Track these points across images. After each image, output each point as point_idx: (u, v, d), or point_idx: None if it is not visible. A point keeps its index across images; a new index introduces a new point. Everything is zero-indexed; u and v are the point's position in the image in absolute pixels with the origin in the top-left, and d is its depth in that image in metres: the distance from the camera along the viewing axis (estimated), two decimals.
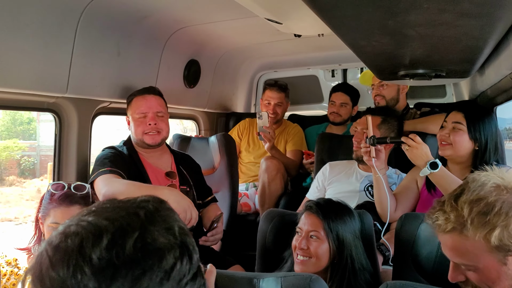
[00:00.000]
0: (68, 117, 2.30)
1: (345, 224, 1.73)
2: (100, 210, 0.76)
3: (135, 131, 2.34)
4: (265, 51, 3.74)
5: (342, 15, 1.20)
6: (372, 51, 1.69)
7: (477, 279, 1.13)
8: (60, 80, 2.10)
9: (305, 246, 1.69)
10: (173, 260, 0.73)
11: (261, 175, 3.16)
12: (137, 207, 0.77)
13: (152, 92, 2.39)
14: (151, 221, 0.75)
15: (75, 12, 2.06)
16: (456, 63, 1.90)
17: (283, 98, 3.46)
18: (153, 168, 2.38)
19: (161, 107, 2.38)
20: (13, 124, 16.25)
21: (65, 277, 0.68)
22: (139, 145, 2.38)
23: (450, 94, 3.86)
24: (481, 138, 2.10)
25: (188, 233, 0.79)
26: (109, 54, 2.38)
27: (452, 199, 1.13)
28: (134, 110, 2.34)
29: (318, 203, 1.76)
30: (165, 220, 0.77)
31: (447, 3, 1.07)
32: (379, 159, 2.19)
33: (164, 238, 0.74)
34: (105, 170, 2.14)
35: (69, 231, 0.72)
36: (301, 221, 1.77)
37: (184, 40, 2.93)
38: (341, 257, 1.69)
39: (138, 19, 2.44)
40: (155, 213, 0.77)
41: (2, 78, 1.81)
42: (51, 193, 1.72)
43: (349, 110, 3.42)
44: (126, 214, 0.75)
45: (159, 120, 2.34)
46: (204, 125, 3.80)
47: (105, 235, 0.70)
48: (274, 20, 2.30)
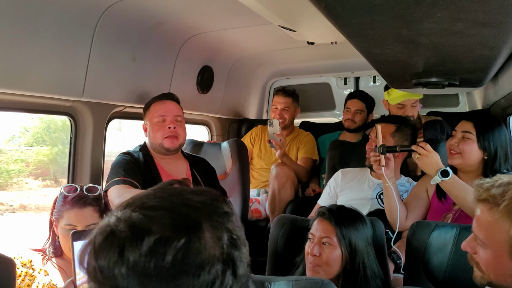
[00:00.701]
0: (84, 120, 2.33)
1: (357, 231, 1.73)
2: (153, 203, 0.72)
3: (154, 136, 2.36)
4: (278, 58, 3.76)
5: (357, 23, 1.21)
6: (386, 59, 1.70)
7: (485, 261, 1.14)
8: (77, 84, 2.13)
9: (317, 252, 1.69)
10: (213, 276, 0.68)
11: (271, 181, 3.17)
12: (191, 208, 0.72)
13: (170, 98, 2.43)
14: (202, 228, 0.69)
15: (93, 18, 2.10)
16: (469, 72, 1.90)
17: (290, 103, 3.44)
18: (168, 175, 2.39)
19: (180, 112, 2.42)
20: (47, 132, 16.59)
21: (104, 268, 0.67)
22: (156, 151, 2.39)
23: (463, 103, 3.84)
24: (491, 147, 2.09)
25: (238, 244, 0.73)
26: (125, 59, 2.42)
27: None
28: (153, 114, 2.36)
29: (330, 210, 1.77)
30: (217, 228, 0.71)
31: (461, 12, 1.08)
32: (388, 168, 2.18)
33: (210, 250, 0.69)
34: (119, 180, 2.17)
35: (118, 227, 0.69)
36: (314, 227, 1.77)
37: (198, 47, 2.96)
38: (353, 264, 1.69)
39: (153, 25, 2.48)
40: (208, 218, 0.72)
41: (21, 82, 1.85)
42: (64, 195, 1.75)
43: (364, 117, 3.42)
44: (176, 216, 0.69)
45: (177, 125, 2.37)
46: (216, 130, 3.82)
47: (147, 239, 0.66)
48: (287, 28, 2.32)
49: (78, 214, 1.71)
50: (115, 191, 2.13)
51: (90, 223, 1.72)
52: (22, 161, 8.08)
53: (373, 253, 1.76)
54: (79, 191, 1.77)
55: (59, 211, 1.73)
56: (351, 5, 1.05)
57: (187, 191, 0.75)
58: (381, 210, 2.35)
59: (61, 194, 1.76)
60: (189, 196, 0.74)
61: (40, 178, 8.44)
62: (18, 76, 1.83)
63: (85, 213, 1.72)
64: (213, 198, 0.75)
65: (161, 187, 0.77)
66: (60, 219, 1.73)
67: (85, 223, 1.71)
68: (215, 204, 0.74)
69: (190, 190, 0.76)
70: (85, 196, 1.75)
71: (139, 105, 2.60)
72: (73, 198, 1.73)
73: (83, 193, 1.76)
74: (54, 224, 1.77)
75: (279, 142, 3.09)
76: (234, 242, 0.72)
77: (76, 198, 1.73)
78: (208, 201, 0.74)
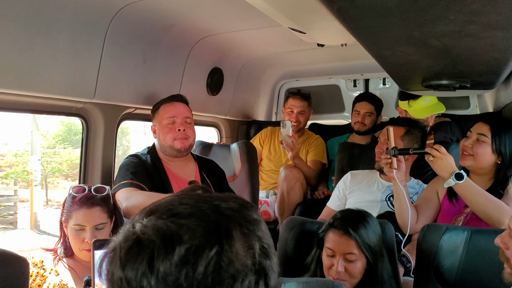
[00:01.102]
0: (95, 122, 2.35)
1: (374, 233, 1.72)
2: (180, 210, 0.68)
3: (164, 138, 2.35)
4: (287, 60, 3.76)
5: (369, 25, 1.22)
6: (397, 61, 1.69)
7: None
8: (89, 86, 2.16)
9: (342, 268, 1.67)
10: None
11: (280, 184, 3.16)
12: (221, 215, 0.68)
13: (179, 100, 2.42)
14: (233, 236, 0.66)
15: (105, 21, 2.12)
16: (481, 75, 1.89)
17: (306, 107, 3.46)
18: (177, 177, 2.38)
19: (189, 114, 2.41)
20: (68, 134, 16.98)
21: (132, 280, 0.64)
22: (166, 153, 2.38)
23: (474, 105, 3.82)
24: (505, 152, 2.06)
25: (269, 254, 0.70)
26: (136, 61, 2.44)
27: None
28: (163, 116, 2.36)
29: (345, 220, 1.73)
30: (248, 236, 0.68)
31: (474, 15, 1.08)
32: (400, 171, 2.16)
33: (242, 260, 0.65)
34: (126, 183, 2.17)
35: (145, 236, 0.65)
36: (331, 241, 1.73)
37: (208, 48, 2.98)
38: (372, 268, 1.69)
39: (164, 27, 2.49)
40: (239, 225, 0.68)
41: (35, 84, 1.88)
42: (72, 196, 1.76)
43: (373, 120, 3.41)
44: (207, 224, 0.65)
45: (187, 127, 2.36)
46: (225, 132, 3.83)
47: (178, 248, 0.63)
48: (297, 30, 2.32)
49: (86, 214, 1.73)
50: (122, 193, 2.13)
51: (98, 223, 1.73)
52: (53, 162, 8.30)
53: (386, 252, 1.76)
54: (87, 191, 1.78)
55: (68, 212, 1.75)
56: (364, 8, 1.06)
57: (214, 198, 0.72)
58: (390, 212, 2.34)
59: (69, 195, 1.78)
60: (217, 202, 0.70)
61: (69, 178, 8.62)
62: (32, 78, 1.86)
63: (93, 213, 1.73)
64: (242, 205, 0.72)
65: (185, 193, 0.74)
66: (69, 220, 1.74)
67: (93, 223, 1.72)
68: (244, 211, 0.71)
69: (217, 197, 0.72)
70: (93, 196, 1.76)
71: (150, 107, 2.61)
72: (81, 198, 1.74)
73: (91, 193, 1.77)
74: (64, 224, 1.78)
75: (291, 144, 3.09)
76: (265, 251, 0.69)
77: (84, 198, 1.74)
78: (237, 208, 0.70)
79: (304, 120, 3.50)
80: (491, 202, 1.96)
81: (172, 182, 2.34)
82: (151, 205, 0.71)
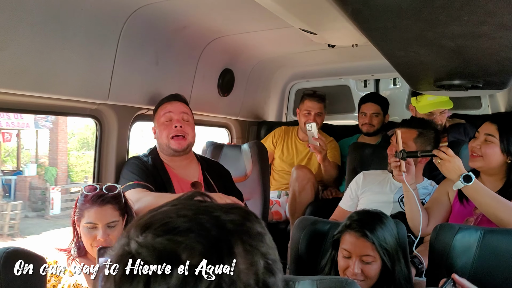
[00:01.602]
0: (109, 123, 2.38)
1: (390, 235, 1.71)
2: (178, 224, 0.62)
3: (160, 136, 2.34)
4: (297, 61, 3.77)
5: (382, 26, 1.22)
6: (409, 62, 1.70)
7: None
8: (102, 87, 2.19)
9: (359, 270, 1.67)
10: None
11: (291, 184, 3.16)
12: (222, 230, 0.63)
13: (178, 99, 2.41)
14: (235, 254, 0.61)
15: (119, 23, 2.15)
16: (493, 75, 1.88)
17: (322, 108, 3.44)
18: (179, 178, 2.36)
19: (187, 110, 2.39)
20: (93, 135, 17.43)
21: None
22: (165, 153, 2.36)
23: (485, 105, 3.80)
24: None
25: (274, 270, 0.65)
26: (148, 63, 2.46)
27: None
28: (160, 115, 2.35)
29: (361, 222, 1.73)
30: (251, 252, 0.62)
31: (488, 16, 1.08)
32: (409, 174, 2.16)
33: (244, 279, 0.60)
34: (133, 184, 2.18)
35: (140, 256, 0.60)
36: (348, 243, 1.72)
37: (219, 50, 3.00)
38: (387, 270, 1.69)
39: (176, 29, 2.52)
40: (240, 241, 0.62)
41: (51, 85, 1.91)
42: (84, 195, 1.79)
43: (381, 120, 3.39)
44: (206, 242, 0.60)
45: (184, 124, 2.33)
46: (236, 133, 3.85)
47: (175, 270, 0.58)
48: (308, 31, 2.33)
49: (98, 212, 1.74)
50: (132, 195, 2.10)
51: (110, 221, 1.75)
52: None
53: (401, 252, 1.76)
54: (99, 189, 1.81)
55: (80, 211, 1.77)
56: (378, 9, 1.07)
57: (213, 207, 0.66)
58: (402, 213, 2.34)
59: (82, 194, 1.80)
60: (217, 213, 0.64)
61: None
62: (48, 80, 1.89)
63: (105, 211, 1.75)
64: (244, 217, 0.66)
65: (183, 202, 0.68)
66: (82, 218, 1.76)
67: (105, 221, 1.74)
68: (247, 224, 0.65)
69: (217, 206, 0.67)
70: (104, 194, 1.78)
71: None
72: (92, 196, 1.76)
73: (102, 192, 1.80)
74: (76, 224, 1.80)
75: (318, 147, 3.06)
76: (270, 267, 0.64)
77: (95, 197, 1.76)
78: (239, 221, 0.65)
79: (321, 122, 3.46)
80: (500, 203, 1.94)
81: (174, 183, 2.32)
82: (147, 217, 0.65)
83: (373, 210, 1.81)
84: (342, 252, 1.74)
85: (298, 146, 3.52)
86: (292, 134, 3.58)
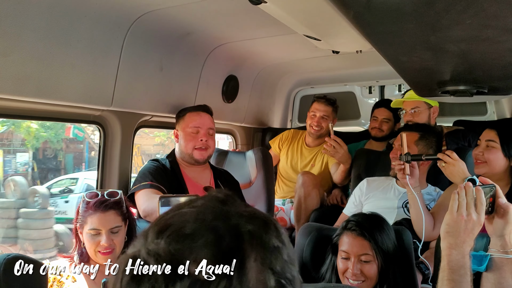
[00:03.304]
0: (112, 129, 2.39)
1: (387, 237, 1.73)
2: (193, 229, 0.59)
3: (185, 145, 2.44)
4: (302, 67, 3.77)
5: (385, 31, 1.21)
6: (413, 67, 1.68)
7: None
8: (106, 94, 2.19)
9: (358, 270, 1.68)
10: None
11: (297, 189, 3.13)
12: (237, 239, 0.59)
13: (206, 110, 2.52)
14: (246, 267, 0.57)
15: (122, 29, 2.16)
16: (498, 80, 1.87)
17: (330, 112, 3.37)
18: (193, 182, 2.45)
19: (213, 125, 2.50)
20: None
21: None
22: (185, 160, 2.46)
23: (491, 111, 3.77)
24: None
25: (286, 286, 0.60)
26: (152, 69, 2.47)
27: None
28: (187, 124, 2.44)
29: (359, 223, 1.74)
30: (263, 267, 0.58)
31: (491, 19, 1.07)
32: (413, 177, 2.17)
33: None
34: (146, 184, 2.23)
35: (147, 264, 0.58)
36: (346, 244, 1.74)
37: (223, 56, 3.00)
38: (388, 271, 1.69)
39: (181, 35, 2.52)
40: (254, 253, 0.58)
41: (54, 92, 1.92)
42: (86, 201, 1.79)
43: (391, 126, 3.39)
44: (218, 250, 0.57)
45: (209, 138, 2.46)
46: (241, 139, 3.84)
47: (180, 282, 0.55)
48: (312, 37, 2.33)
49: (101, 218, 1.75)
50: (143, 195, 2.20)
51: (113, 226, 1.76)
52: None
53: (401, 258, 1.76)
54: (100, 196, 1.81)
55: (82, 217, 1.78)
56: (380, 13, 1.06)
57: (235, 213, 0.62)
58: (407, 219, 2.32)
59: (83, 201, 1.80)
60: (236, 221, 0.61)
61: None
62: (51, 86, 1.89)
63: (108, 217, 1.76)
64: (263, 227, 0.62)
65: (205, 204, 0.64)
66: (84, 225, 1.76)
67: (108, 226, 1.75)
68: (264, 236, 0.61)
69: (237, 212, 0.63)
70: (106, 200, 1.79)
71: (167, 114, 2.64)
72: (95, 202, 1.77)
73: (104, 198, 1.80)
74: (79, 231, 1.80)
75: (332, 150, 2.97)
76: (282, 285, 0.59)
77: (97, 203, 1.77)
78: (257, 232, 0.60)
79: (327, 126, 3.36)
80: None
81: (188, 186, 2.41)
82: (167, 217, 0.63)
83: (370, 213, 1.83)
84: (341, 254, 1.75)
85: (303, 151, 3.49)
86: (300, 138, 3.55)
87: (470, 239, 1.22)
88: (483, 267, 1.33)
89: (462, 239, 1.21)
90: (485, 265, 1.33)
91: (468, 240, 1.21)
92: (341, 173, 3.10)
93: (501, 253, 1.30)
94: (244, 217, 0.62)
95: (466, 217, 1.21)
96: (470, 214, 1.22)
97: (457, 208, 1.23)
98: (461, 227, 1.21)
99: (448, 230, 1.23)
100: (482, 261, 1.35)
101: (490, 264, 1.33)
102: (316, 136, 3.38)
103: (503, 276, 1.30)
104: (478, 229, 1.23)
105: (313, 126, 3.33)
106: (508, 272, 1.30)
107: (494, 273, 1.32)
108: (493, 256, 1.32)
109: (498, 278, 1.30)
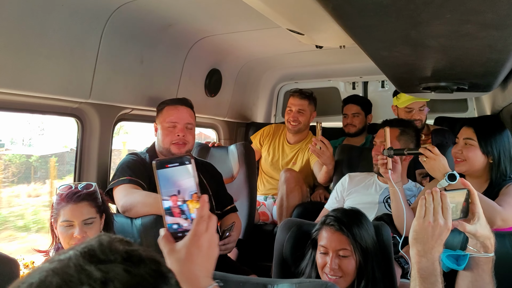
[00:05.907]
0: (91, 122, 2.34)
1: (366, 232, 1.73)
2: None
3: (163, 140, 2.39)
4: (286, 62, 3.75)
5: (365, 24, 1.20)
6: (394, 62, 1.68)
7: None
8: (84, 86, 2.14)
9: (336, 265, 1.68)
10: None
11: (280, 187, 3.11)
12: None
13: (184, 104, 2.45)
14: None
15: (101, 20, 2.11)
16: (478, 77, 1.88)
17: (305, 105, 3.30)
18: None
19: (191, 119, 2.44)
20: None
21: None
22: (163, 154, 2.41)
23: (471, 108, 3.81)
24: (493, 151, 2.11)
25: None
26: (133, 61, 2.42)
27: None
28: (164, 119, 2.39)
29: (337, 218, 1.74)
30: None
31: (470, 14, 1.07)
32: (395, 171, 2.19)
33: None
34: (125, 179, 2.18)
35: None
36: (324, 239, 1.74)
37: (206, 49, 2.96)
38: (366, 267, 1.69)
39: (162, 27, 2.48)
40: None
41: (29, 83, 1.86)
42: (59, 194, 1.76)
43: (362, 120, 3.42)
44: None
45: (187, 132, 2.40)
46: (224, 134, 3.82)
47: None
48: (296, 31, 2.31)
49: (73, 209, 1.72)
50: (121, 190, 2.15)
51: (86, 218, 1.73)
52: None
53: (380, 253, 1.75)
54: (74, 188, 1.78)
55: (56, 210, 1.75)
56: (359, 5, 1.04)
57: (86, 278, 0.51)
58: (388, 214, 2.33)
59: (57, 194, 1.77)
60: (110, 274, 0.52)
61: None
62: (26, 77, 1.84)
63: (80, 208, 1.73)
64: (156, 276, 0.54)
65: (62, 262, 0.53)
66: (58, 218, 1.73)
67: (81, 218, 1.72)
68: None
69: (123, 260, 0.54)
70: (79, 192, 1.76)
71: (147, 108, 2.60)
72: (67, 194, 1.74)
73: (77, 189, 1.77)
74: (54, 226, 1.77)
75: (318, 151, 2.89)
76: None
77: (70, 194, 1.74)
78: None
79: (304, 120, 3.32)
80: (483, 202, 1.95)
81: None
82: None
83: (349, 208, 1.83)
84: (320, 249, 1.74)
85: (285, 148, 3.46)
86: (281, 133, 3.51)
87: (438, 245, 1.20)
88: (461, 267, 1.33)
89: (431, 245, 1.19)
90: (463, 265, 1.33)
91: (437, 246, 1.20)
92: (324, 174, 3.06)
93: (479, 252, 1.30)
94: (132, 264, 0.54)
95: (433, 223, 1.20)
96: (437, 220, 1.20)
97: (424, 214, 1.21)
98: (429, 233, 1.20)
99: (416, 237, 1.22)
100: (459, 259, 1.35)
101: (468, 262, 1.33)
102: (294, 132, 3.35)
103: (480, 274, 1.30)
104: (446, 234, 1.21)
105: (290, 122, 3.30)
106: (485, 270, 1.30)
107: (471, 272, 1.32)
108: (472, 255, 1.32)
109: (475, 276, 1.30)
